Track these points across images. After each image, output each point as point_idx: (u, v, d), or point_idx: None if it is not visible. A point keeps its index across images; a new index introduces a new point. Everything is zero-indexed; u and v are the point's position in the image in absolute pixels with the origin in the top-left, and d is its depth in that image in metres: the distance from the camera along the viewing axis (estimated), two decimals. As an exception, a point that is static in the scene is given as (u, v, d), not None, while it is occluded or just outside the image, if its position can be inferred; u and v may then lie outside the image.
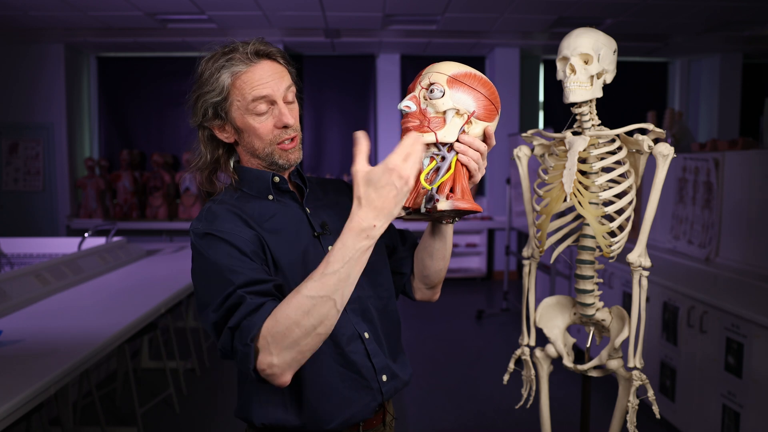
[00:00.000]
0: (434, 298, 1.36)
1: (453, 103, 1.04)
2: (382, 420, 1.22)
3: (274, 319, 0.94)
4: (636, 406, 1.66)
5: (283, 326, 0.92)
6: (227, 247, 1.04)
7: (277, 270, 1.09)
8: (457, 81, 1.04)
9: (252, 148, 1.14)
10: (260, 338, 0.94)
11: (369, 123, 7.32)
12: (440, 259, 1.26)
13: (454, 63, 1.07)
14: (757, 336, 2.31)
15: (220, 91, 1.10)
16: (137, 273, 3.72)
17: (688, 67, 7.49)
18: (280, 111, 1.10)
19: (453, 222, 1.19)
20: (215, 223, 1.07)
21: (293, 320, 0.92)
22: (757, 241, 2.81)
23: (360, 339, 1.15)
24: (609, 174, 1.61)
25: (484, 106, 1.06)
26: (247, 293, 0.98)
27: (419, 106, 1.05)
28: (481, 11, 5.51)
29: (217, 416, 3.29)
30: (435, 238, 1.24)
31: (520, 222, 5.39)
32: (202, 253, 1.05)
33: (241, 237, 1.05)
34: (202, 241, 1.06)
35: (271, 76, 1.10)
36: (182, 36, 6.25)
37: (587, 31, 1.55)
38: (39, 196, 6.78)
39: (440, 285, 1.34)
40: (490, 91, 1.06)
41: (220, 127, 1.14)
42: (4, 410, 1.62)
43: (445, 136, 1.03)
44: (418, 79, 1.08)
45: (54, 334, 2.32)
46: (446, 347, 4.59)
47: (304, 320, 0.92)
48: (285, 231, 1.13)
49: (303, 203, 1.20)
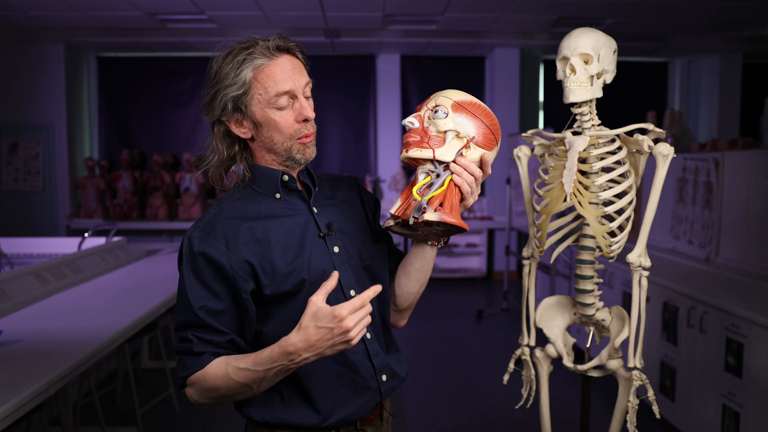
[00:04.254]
0: (399, 324, 1.34)
1: (454, 125, 1.08)
2: (379, 416, 1.23)
3: (203, 374, 1.07)
4: (636, 406, 1.65)
5: (208, 385, 1.07)
6: (210, 269, 1.09)
7: (275, 276, 1.10)
8: (462, 107, 1.09)
9: (270, 143, 1.13)
10: (189, 379, 1.09)
11: (369, 123, 7.32)
12: (416, 281, 1.26)
13: (462, 92, 1.11)
14: (757, 336, 2.31)
15: (242, 85, 1.09)
16: (137, 273, 3.72)
17: (688, 67, 7.49)
18: (301, 105, 1.11)
19: (439, 245, 1.21)
20: (209, 240, 1.09)
21: (216, 385, 1.07)
22: (757, 241, 2.81)
23: (361, 339, 1.16)
24: (609, 174, 1.61)
25: (484, 134, 1.10)
26: (196, 337, 1.08)
27: (422, 124, 1.10)
28: (481, 11, 5.51)
29: (217, 416, 3.29)
30: (416, 258, 1.24)
31: (520, 222, 5.39)
32: (183, 267, 1.11)
33: (230, 260, 1.08)
34: (190, 254, 1.10)
35: (292, 70, 1.11)
36: (182, 36, 6.25)
37: (587, 31, 1.55)
38: (39, 196, 6.77)
39: (409, 312, 1.32)
40: (492, 122, 1.11)
41: (238, 122, 1.13)
42: (4, 410, 1.62)
43: (442, 155, 1.07)
44: (426, 101, 1.12)
45: (54, 334, 2.32)
46: (446, 347, 4.59)
47: (223, 390, 1.07)
48: (289, 231, 1.14)
49: (310, 203, 1.19)
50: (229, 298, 1.09)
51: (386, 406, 1.27)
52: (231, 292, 1.09)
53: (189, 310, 1.08)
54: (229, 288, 1.09)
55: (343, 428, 1.17)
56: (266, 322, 1.13)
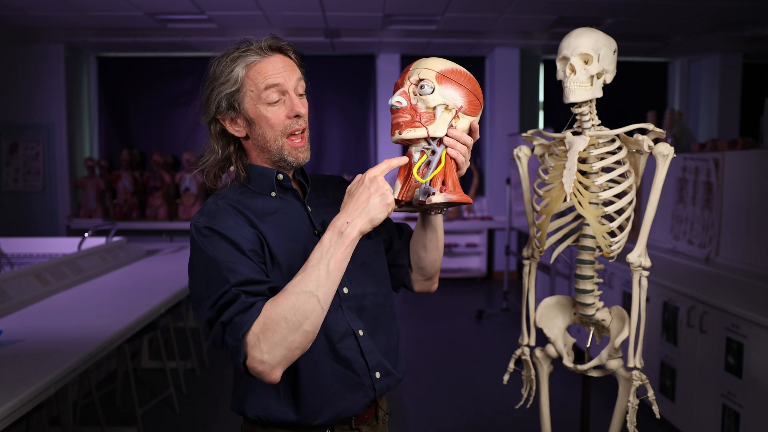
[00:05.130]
0: (432, 288, 1.40)
1: (442, 99, 1.08)
2: (374, 414, 1.24)
3: (264, 315, 0.99)
4: (636, 406, 1.65)
5: (272, 322, 0.98)
6: (227, 243, 1.06)
7: (274, 265, 1.11)
8: (446, 77, 1.08)
9: (263, 141, 1.15)
10: (251, 334, 0.98)
11: (369, 123, 7.32)
12: (434, 250, 1.30)
13: (441, 59, 1.11)
14: (757, 336, 2.31)
15: (234, 82, 1.12)
16: (137, 273, 3.72)
17: (688, 67, 7.49)
18: (292, 100, 1.13)
19: (441, 212, 1.23)
20: (216, 219, 1.09)
21: (281, 315, 0.98)
22: (757, 241, 2.81)
23: (354, 336, 1.16)
24: (609, 174, 1.61)
25: (470, 101, 1.10)
26: (243, 291, 1.02)
27: (410, 102, 1.08)
28: (481, 11, 5.51)
29: (217, 416, 3.29)
30: (426, 230, 1.27)
31: (520, 222, 5.39)
32: (202, 248, 1.07)
33: (241, 234, 1.08)
34: (203, 236, 1.08)
35: (283, 67, 1.14)
36: (182, 36, 6.25)
37: (587, 31, 1.55)
38: (39, 196, 6.77)
39: (437, 276, 1.38)
40: (474, 86, 1.11)
41: (232, 120, 1.16)
42: (4, 410, 1.62)
43: (435, 131, 1.07)
44: (406, 74, 1.11)
45: (54, 334, 2.32)
46: (446, 347, 4.59)
47: (290, 315, 0.98)
48: (286, 228, 1.15)
49: (305, 201, 1.21)
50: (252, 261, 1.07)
51: (382, 405, 1.27)
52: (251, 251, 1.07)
53: (225, 273, 1.03)
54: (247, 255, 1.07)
55: (338, 427, 1.17)
56: None
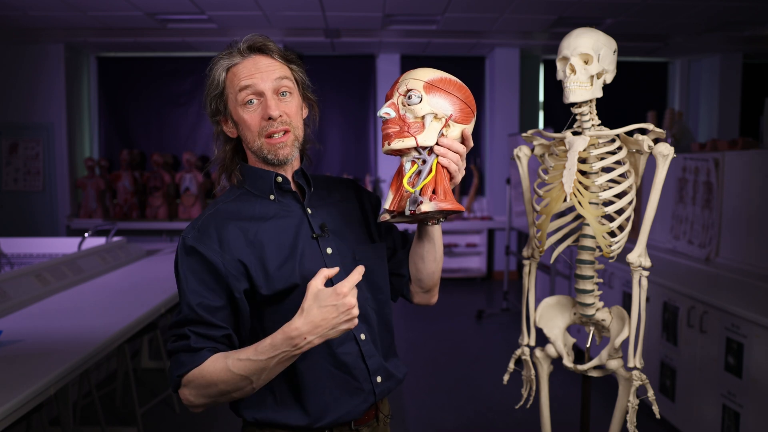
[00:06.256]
0: (431, 302, 1.37)
1: (431, 108, 1.07)
2: (375, 416, 1.23)
3: (201, 370, 1.05)
4: (636, 406, 1.65)
5: (207, 381, 1.04)
6: (204, 268, 1.09)
7: (268, 277, 1.11)
8: (434, 86, 1.08)
9: (246, 141, 1.16)
10: (187, 377, 1.06)
11: (369, 123, 7.32)
12: (431, 262, 1.28)
13: (430, 69, 1.10)
14: (757, 336, 2.31)
15: (217, 85, 1.15)
16: (137, 273, 3.72)
17: (688, 67, 7.49)
18: (266, 103, 1.12)
19: (438, 223, 1.21)
20: (203, 238, 1.10)
21: (214, 381, 1.04)
22: (757, 241, 2.81)
23: (355, 340, 1.16)
24: (609, 174, 1.61)
25: (461, 109, 1.09)
26: (194, 333, 1.07)
27: (398, 113, 1.08)
28: (481, 11, 5.51)
29: (217, 416, 3.29)
30: (423, 241, 1.25)
31: (520, 222, 5.39)
32: (179, 264, 1.11)
33: (223, 261, 1.09)
34: (185, 253, 1.11)
35: (258, 68, 1.13)
36: (182, 36, 6.25)
37: (587, 31, 1.55)
38: (39, 196, 6.77)
39: (436, 288, 1.35)
40: (465, 94, 1.10)
41: (225, 122, 1.18)
42: (4, 410, 1.62)
43: (424, 140, 1.07)
44: (396, 86, 1.11)
45: (54, 334, 2.32)
46: (446, 347, 4.59)
47: (222, 386, 1.04)
48: (282, 233, 1.15)
49: (304, 204, 1.20)
50: (224, 296, 1.10)
51: (383, 407, 1.26)
52: (226, 290, 1.10)
53: (186, 306, 1.08)
54: (224, 286, 1.10)
55: (337, 429, 1.17)
56: (260, 322, 1.14)
